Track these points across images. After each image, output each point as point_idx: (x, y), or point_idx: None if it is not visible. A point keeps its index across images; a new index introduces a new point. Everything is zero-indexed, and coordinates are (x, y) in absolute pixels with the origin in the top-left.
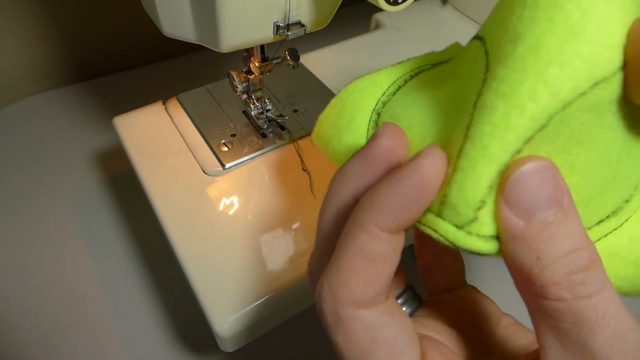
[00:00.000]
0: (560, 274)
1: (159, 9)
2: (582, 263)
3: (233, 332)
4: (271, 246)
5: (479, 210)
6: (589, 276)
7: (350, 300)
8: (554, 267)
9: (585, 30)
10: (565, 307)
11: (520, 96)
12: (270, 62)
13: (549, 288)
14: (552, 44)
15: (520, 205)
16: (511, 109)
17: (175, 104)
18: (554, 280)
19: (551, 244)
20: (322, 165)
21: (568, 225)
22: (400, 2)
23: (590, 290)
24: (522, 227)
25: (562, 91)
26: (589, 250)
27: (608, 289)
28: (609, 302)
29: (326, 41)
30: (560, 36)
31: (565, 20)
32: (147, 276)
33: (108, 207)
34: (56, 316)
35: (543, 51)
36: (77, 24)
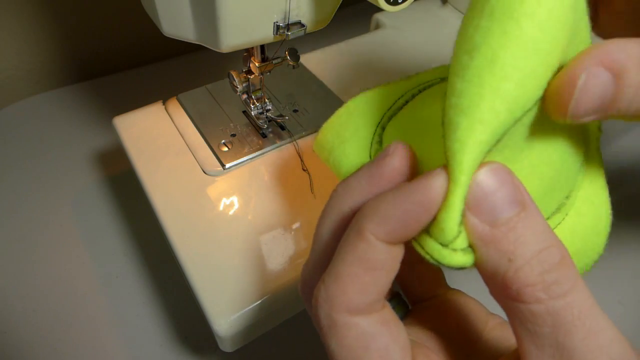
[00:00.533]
0: (534, 275)
1: (159, 9)
2: (553, 261)
3: (233, 332)
4: (271, 246)
5: (461, 225)
6: (562, 274)
7: (346, 306)
8: (527, 268)
9: (539, 48)
10: (542, 309)
11: (482, 112)
12: (270, 62)
13: (525, 290)
14: (507, 59)
15: (483, 210)
16: (474, 123)
17: (175, 104)
18: (528, 281)
19: (520, 244)
20: (322, 166)
21: (533, 223)
22: (400, 2)
23: (564, 289)
24: (489, 232)
25: (516, 108)
26: (558, 246)
27: (580, 286)
28: (582, 300)
29: (326, 41)
30: (515, 51)
31: (520, 35)
32: (147, 276)
33: (108, 207)
34: (56, 316)
35: (498, 66)
36: (77, 24)
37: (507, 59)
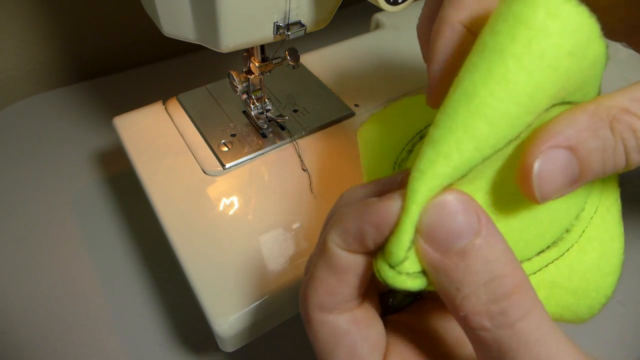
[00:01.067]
0: (479, 304)
1: (159, 9)
2: (502, 291)
3: (233, 332)
4: (271, 246)
5: (409, 251)
6: (510, 304)
7: (318, 305)
8: (473, 297)
9: (521, 90)
10: (488, 336)
11: (448, 146)
12: (270, 62)
13: (471, 317)
14: (485, 97)
15: (434, 238)
16: (438, 156)
17: (175, 104)
18: (474, 310)
19: (469, 273)
20: (322, 165)
21: (486, 253)
22: (400, 2)
23: (511, 319)
24: (440, 260)
25: (485, 147)
26: (512, 276)
27: (532, 315)
28: (531, 329)
29: (326, 41)
30: (495, 90)
31: (503, 74)
32: (147, 276)
33: (108, 207)
34: (56, 316)
35: (475, 102)
36: (77, 24)
37: (486, 97)
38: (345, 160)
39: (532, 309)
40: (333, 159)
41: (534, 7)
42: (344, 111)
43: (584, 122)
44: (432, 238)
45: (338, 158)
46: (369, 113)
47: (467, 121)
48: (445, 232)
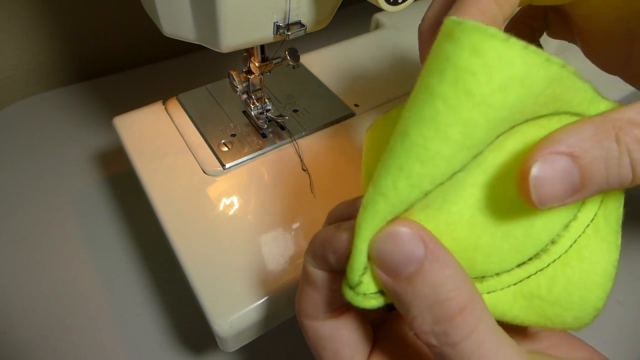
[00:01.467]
0: (425, 324)
1: (159, 9)
2: (446, 314)
3: (233, 332)
4: (271, 246)
5: (362, 276)
6: (452, 326)
7: (304, 313)
8: (419, 318)
9: (447, 131)
10: (436, 351)
11: (385, 184)
12: (270, 62)
13: (420, 335)
14: (416, 138)
15: (385, 265)
16: (376, 195)
17: (175, 104)
18: (421, 329)
19: (416, 297)
20: (322, 165)
21: (432, 278)
22: (400, 2)
23: (453, 340)
24: (391, 284)
25: (424, 184)
26: (457, 299)
27: (475, 334)
28: (474, 347)
29: (326, 41)
30: (424, 132)
31: (432, 116)
32: (147, 276)
33: (108, 207)
34: (56, 316)
35: (408, 144)
36: (77, 24)
37: (417, 138)
38: (345, 160)
39: (475, 329)
40: (333, 159)
41: (460, 47)
42: (344, 111)
43: (588, 132)
44: (383, 265)
45: (338, 158)
46: (369, 113)
47: (402, 162)
48: (394, 260)
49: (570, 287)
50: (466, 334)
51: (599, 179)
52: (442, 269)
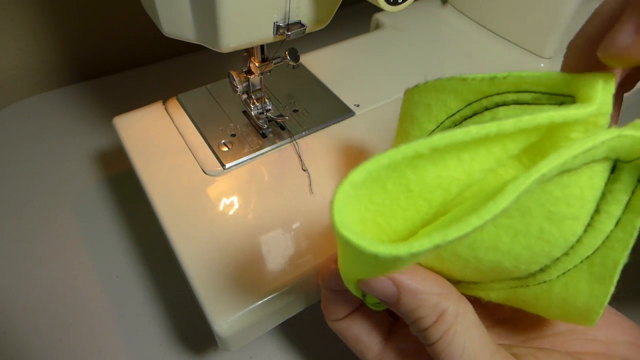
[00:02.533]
0: (415, 331)
1: (159, 9)
2: (421, 327)
3: (233, 332)
4: (271, 246)
5: (365, 296)
6: (429, 333)
7: (327, 317)
8: (412, 327)
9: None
10: (428, 349)
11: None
12: (270, 62)
13: (417, 336)
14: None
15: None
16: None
17: (175, 104)
18: (415, 333)
19: (403, 315)
20: (322, 165)
21: (407, 307)
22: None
23: (432, 340)
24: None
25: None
26: (429, 317)
27: (447, 336)
28: (442, 348)
29: (326, 41)
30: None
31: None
32: (147, 276)
33: (108, 207)
34: (56, 316)
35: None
36: (77, 24)
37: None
38: (346, 160)
39: (443, 336)
40: (333, 159)
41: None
42: (344, 111)
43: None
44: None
45: (338, 158)
46: (369, 113)
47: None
48: (378, 296)
49: (553, 307)
50: (436, 339)
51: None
52: (414, 296)
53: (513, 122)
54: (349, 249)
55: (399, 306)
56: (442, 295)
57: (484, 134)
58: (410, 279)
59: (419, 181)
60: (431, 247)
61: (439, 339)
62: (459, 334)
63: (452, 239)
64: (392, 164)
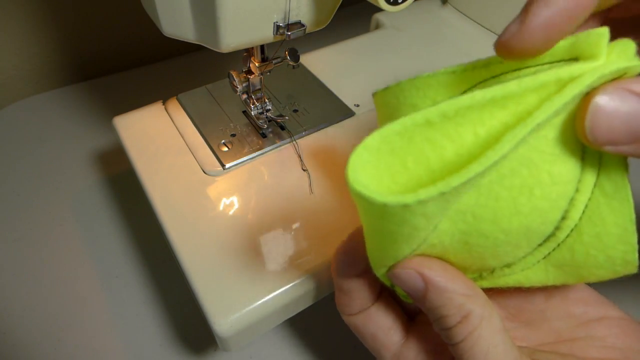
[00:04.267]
0: (438, 329)
1: (159, 9)
2: (446, 326)
3: (233, 332)
4: (271, 246)
5: (394, 286)
6: (453, 333)
7: (341, 311)
8: (435, 324)
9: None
10: (450, 348)
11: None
12: (270, 62)
13: (440, 334)
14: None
15: (403, 289)
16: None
17: (175, 104)
18: (438, 330)
19: (427, 312)
20: (322, 166)
21: (433, 303)
22: (400, 2)
23: (453, 341)
24: (410, 295)
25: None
26: (455, 315)
27: (472, 336)
28: (465, 349)
29: (326, 41)
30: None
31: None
32: (147, 276)
33: (108, 207)
34: (56, 316)
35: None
36: (77, 24)
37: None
38: (345, 160)
39: (467, 337)
40: (333, 159)
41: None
42: (344, 111)
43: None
44: (402, 289)
45: (338, 158)
46: (369, 113)
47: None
48: (405, 288)
49: (591, 250)
50: (464, 337)
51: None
52: (441, 294)
53: (517, 82)
54: (363, 206)
55: (425, 302)
56: (468, 297)
57: (489, 97)
58: (439, 276)
59: (435, 150)
60: (436, 194)
61: (463, 340)
62: (483, 338)
63: (455, 186)
64: (403, 130)
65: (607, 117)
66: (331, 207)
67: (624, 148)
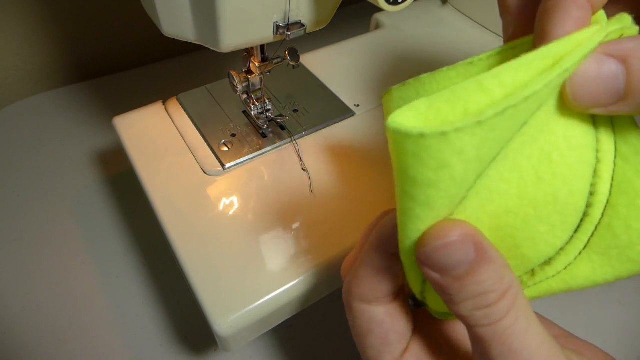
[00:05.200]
0: (466, 310)
1: (159, 9)
2: (486, 303)
3: (233, 332)
4: (271, 246)
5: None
6: (490, 312)
7: (360, 297)
8: (462, 305)
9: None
10: (472, 330)
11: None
12: (270, 62)
13: (462, 319)
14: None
15: (434, 265)
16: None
17: (175, 104)
18: (462, 314)
19: (462, 291)
20: (322, 165)
21: (479, 277)
22: (400, 2)
23: (490, 320)
24: (438, 279)
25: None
26: (497, 291)
27: (508, 317)
28: (506, 327)
29: (326, 41)
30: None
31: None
32: (147, 276)
33: (108, 207)
34: (56, 316)
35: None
36: (77, 24)
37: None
38: (345, 160)
39: (509, 312)
40: (333, 159)
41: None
42: (344, 111)
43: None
44: (432, 264)
45: (338, 158)
46: (369, 113)
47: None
48: (445, 264)
49: (631, 223)
50: (502, 316)
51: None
52: (488, 267)
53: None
54: (399, 151)
55: (464, 279)
56: (506, 268)
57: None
58: (489, 245)
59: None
60: (472, 123)
61: (504, 317)
62: (523, 312)
63: (491, 115)
64: (452, 97)
65: (590, 84)
66: (331, 207)
67: (613, 108)
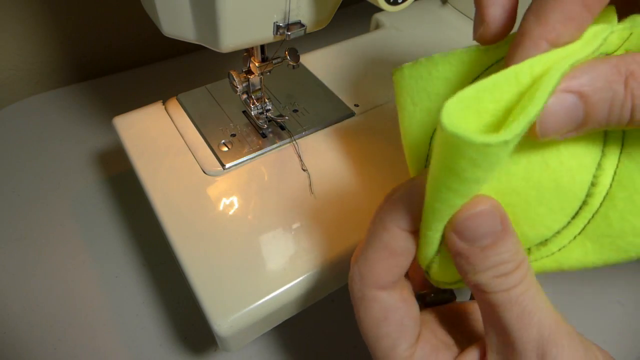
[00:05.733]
0: (486, 278)
1: (159, 9)
2: (504, 271)
3: (233, 332)
4: (271, 246)
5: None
6: (506, 279)
7: (374, 283)
8: (482, 274)
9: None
10: (490, 297)
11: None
12: (270, 62)
13: (480, 286)
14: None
15: (466, 236)
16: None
17: (175, 104)
18: (480, 282)
19: (484, 260)
20: (322, 166)
21: (501, 249)
22: (400, 2)
23: (506, 287)
24: (466, 248)
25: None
26: (513, 261)
27: (521, 285)
28: (520, 292)
29: (326, 41)
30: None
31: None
32: (147, 276)
33: (108, 207)
34: (56, 316)
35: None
36: (77, 24)
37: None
38: (345, 160)
39: (521, 281)
40: (333, 159)
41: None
42: (344, 111)
43: (602, 72)
44: (464, 236)
45: (338, 158)
46: (369, 113)
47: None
48: (475, 233)
49: (626, 215)
50: (515, 284)
51: (600, 118)
52: (509, 239)
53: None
54: (453, 152)
55: (489, 249)
56: (520, 243)
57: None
58: (510, 221)
59: None
60: (525, 123)
61: (519, 284)
62: (533, 282)
63: (536, 112)
64: (493, 86)
65: (552, 118)
66: (331, 207)
67: (569, 134)
